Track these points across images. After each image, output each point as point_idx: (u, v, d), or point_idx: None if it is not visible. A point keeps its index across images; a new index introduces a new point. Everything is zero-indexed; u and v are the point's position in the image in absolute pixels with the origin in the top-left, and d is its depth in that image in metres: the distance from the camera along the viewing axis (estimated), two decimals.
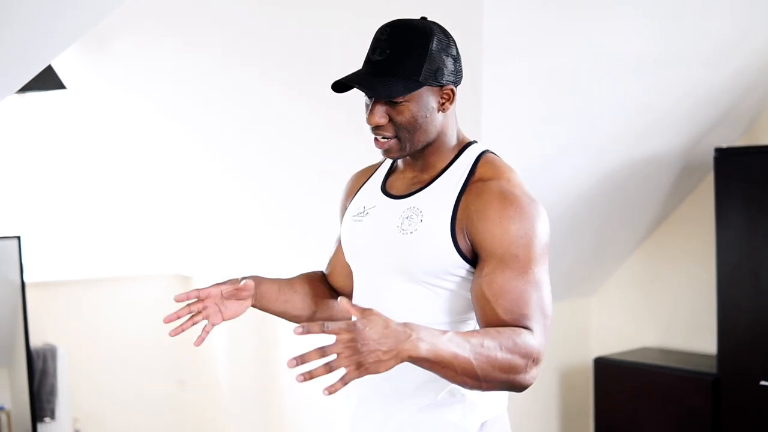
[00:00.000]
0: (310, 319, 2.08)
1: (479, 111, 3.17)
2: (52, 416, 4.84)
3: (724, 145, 3.96)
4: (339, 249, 2.11)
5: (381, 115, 1.77)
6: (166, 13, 3.86)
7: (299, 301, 2.07)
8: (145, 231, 5.66)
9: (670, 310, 4.49)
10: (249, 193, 4.55)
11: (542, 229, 1.77)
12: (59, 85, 5.00)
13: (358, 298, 1.92)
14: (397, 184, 1.91)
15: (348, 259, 1.97)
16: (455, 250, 1.75)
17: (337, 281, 2.12)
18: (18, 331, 4.67)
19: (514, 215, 1.73)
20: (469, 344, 1.58)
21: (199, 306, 1.90)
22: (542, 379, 4.56)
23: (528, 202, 1.76)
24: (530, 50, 3.11)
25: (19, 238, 4.65)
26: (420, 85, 1.74)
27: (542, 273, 1.76)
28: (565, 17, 3.05)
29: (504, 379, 1.63)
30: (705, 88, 3.72)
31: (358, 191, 2.01)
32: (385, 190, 1.93)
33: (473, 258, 1.77)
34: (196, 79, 4.09)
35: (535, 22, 3.01)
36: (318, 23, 3.34)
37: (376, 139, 1.81)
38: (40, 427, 4.77)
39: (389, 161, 1.99)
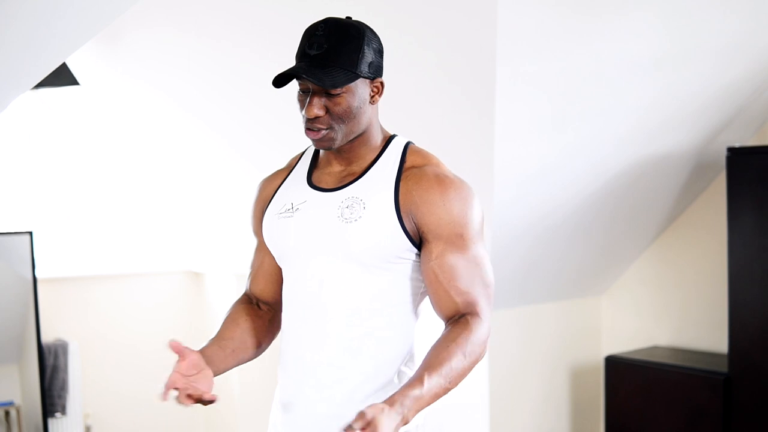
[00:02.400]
0: (258, 352, 2.08)
1: (493, 111, 3.18)
2: (63, 412, 4.85)
3: (737, 144, 3.96)
4: (258, 254, 2.10)
5: (319, 107, 1.82)
6: (179, 8, 3.86)
7: (241, 344, 2.03)
8: (157, 227, 5.67)
9: (682, 309, 4.48)
10: None
11: (477, 208, 1.88)
12: (72, 81, 5.00)
13: (293, 294, 1.93)
14: (326, 178, 1.95)
15: (279, 257, 1.97)
16: (403, 233, 1.83)
17: (258, 288, 2.10)
18: (29, 326, 4.68)
19: (454, 197, 1.84)
20: (442, 378, 1.73)
21: (180, 392, 1.93)
22: (553, 377, 4.56)
23: (461, 184, 1.87)
24: (543, 52, 3.11)
25: (31, 233, 4.66)
26: (357, 77, 1.82)
27: (481, 247, 1.87)
28: (578, 19, 3.06)
29: (471, 368, 1.81)
30: (716, 88, 3.71)
31: (276, 192, 2.03)
32: (312, 185, 1.96)
33: (419, 241, 1.86)
34: (209, 73, 4.09)
35: (547, 24, 3.02)
36: (334, 15, 3.33)
37: (309, 129, 1.86)
38: (50, 422, 4.78)
39: (305, 160, 2.04)
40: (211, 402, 1.88)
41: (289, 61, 3.67)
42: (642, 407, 4.18)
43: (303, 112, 1.85)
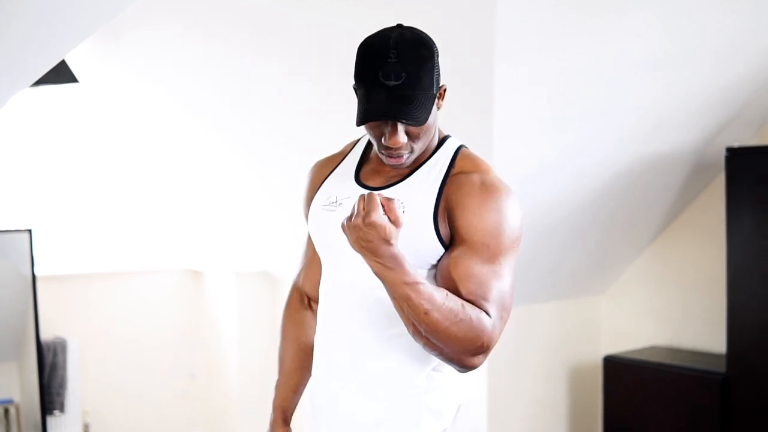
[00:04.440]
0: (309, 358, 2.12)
1: (491, 111, 3.18)
2: (62, 409, 4.86)
3: (736, 144, 3.96)
4: (309, 247, 2.13)
5: (404, 136, 1.77)
6: (178, 4, 3.86)
7: (306, 363, 2.12)
8: (157, 225, 5.67)
9: (680, 309, 4.49)
10: (263, 186, 4.56)
11: (516, 224, 1.81)
12: (72, 79, 5.01)
13: (328, 287, 1.94)
14: (373, 175, 1.93)
15: (319, 248, 1.97)
16: (437, 240, 1.78)
17: (309, 285, 2.14)
18: (29, 324, 4.68)
19: (493, 207, 1.78)
20: (431, 297, 1.64)
21: None
22: (551, 377, 4.56)
23: (507, 195, 1.81)
24: (542, 50, 3.11)
25: (30, 231, 4.67)
26: (435, 97, 1.77)
27: (507, 267, 1.78)
28: (577, 17, 3.06)
29: (451, 346, 1.68)
30: (716, 88, 3.71)
31: (324, 181, 2.01)
32: (359, 180, 1.94)
33: None
34: (208, 70, 4.09)
35: (546, 23, 3.02)
36: (337, 14, 3.34)
37: (390, 156, 1.81)
38: (49, 420, 4.78)
39: (357, 151, 2.02)
40: None
41: (289, 57, 3.69)
42: (640, 407, 4.18)
43: (384, 141, 1.78)
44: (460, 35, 3.07)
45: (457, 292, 1.72)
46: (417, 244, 1.78)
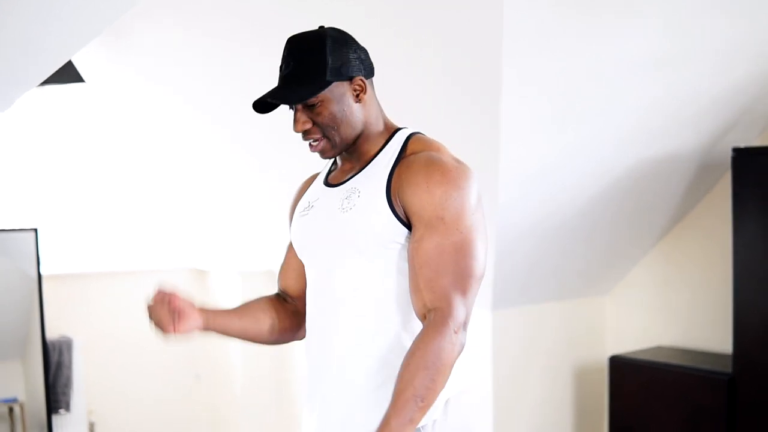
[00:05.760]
0: (272, 337, 2.15)
1: (498, 111, 3.18)
2: (67, 408, 4.86)
3: (742, 144, 3.95)
4: (288, 252, 2.19)
5: (304, 121, 1.90)
6: (184, 4, 3.86)
7: (252, 320, 2.12)
8: (162, 225, 5.68)
9: (686, 309, 4.48)
10: (268, 186, 4.56)
11: (468, 191, 1.84)
12: (78, 79, 5.01)
13: (313, 288, 1.99)
14: (337, 175, 2.02)
15: (300, 254, 2.04)
16: (393, 216, 1.84)
17: (283, 282, 2.20)
18: (34, 323, 4.69)
19: (440, 179, 1.82)
20: (411, 402, 1.72)
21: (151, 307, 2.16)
22: (557, 377, 4.56)
23: (454, 166, 1.86)
24: (548, 51, 3.11)
25: (36, 230, 4.67)
26: (327, 83, 1.86)
27: (470, 233, 1.82)
28: (582, 19, 3.06)
29: (445, 373, 1.76)
30: (720, 88, 3.70)
31: (304, 194, 2.11)
32: (327, 183, 2.03)
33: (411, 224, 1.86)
34: (214, 70, 4.09)
35: (552, 24, 3.01)
36: (337, 15, 3.33)
37: (309, 144, 1.93)
38: (54, 419, 4.79)
39: (330, 163, 2.10)
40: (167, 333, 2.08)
41: None
42: (646, 407, 4.17)
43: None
44: (466, 38, 3.08)
45: (416, 285, 1.79)
46: (373, 226, 1.84)
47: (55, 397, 4.81)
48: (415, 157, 1.88)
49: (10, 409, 4.64)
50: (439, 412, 1.90)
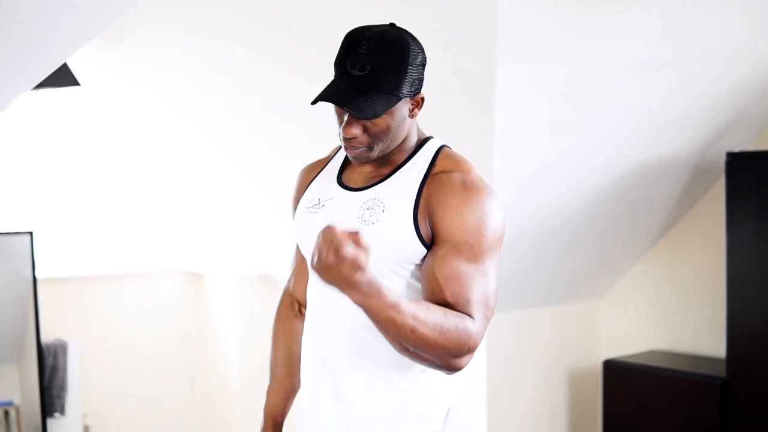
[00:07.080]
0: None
1: (492, 113, 3.18)
2: (62, 412, 4.86)
3: (736, 149, 3.96)
4: (298, 251, 2.12)
5: (357, 127, 1.78)
6: (181, 7, 3.86)
7: (291, 374, 2.14)
8: (157, 228, 5.68)
9: (680, 314, 4.49)
10: (264, 189, 4.56)
11: (498, 223, 1.79)
12: (73, 82, 5.02)
13: (314, 289, 1.93)
14: (355, 177, 1.92)
15: (304, 251, 1.97)
16: (418, 239, 1.77)
17: (299, 291, 2.13)
18: (29, 326, 4.69)
19: (474, 206, 1.76)
20: (417, 315, 1.62)
21: None
22: (551, 381, 4.56)
23: (488, 194, 1.79)
24: (543, 54, 3.12)
25: (31, 233, 4.67)
26: (398, 100, 1.76)
27: (491, 265, 1.77)
28: (578, 21, 3.06)
29: (439, 355, 1.67)
30: (716, 92, 3.71)
31: (310, 184, 2.01)
32: (341, 182, 1.94)
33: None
34: (209, 73, 4.09)
35: (548, 26, 3.02)
36: (336, 16, 3.34)
37: (347, 146, 1.83)
38: (49, 422, 4.78)
39: (341, 154, 2.01)
40: None
41: (297, 60, 3.69)
42: (640, 412, 4.18)
43: (340, 129, 1.81)
44: (461, 38, 3.08)
45: (441, 294, 1.71)
46: (397, 243, 1.78)
47: (51, 400, 4.81)
48: (448, 177, 1.80)
49: (6, 413, 4.64)
50: (439, 425, 1.87)
